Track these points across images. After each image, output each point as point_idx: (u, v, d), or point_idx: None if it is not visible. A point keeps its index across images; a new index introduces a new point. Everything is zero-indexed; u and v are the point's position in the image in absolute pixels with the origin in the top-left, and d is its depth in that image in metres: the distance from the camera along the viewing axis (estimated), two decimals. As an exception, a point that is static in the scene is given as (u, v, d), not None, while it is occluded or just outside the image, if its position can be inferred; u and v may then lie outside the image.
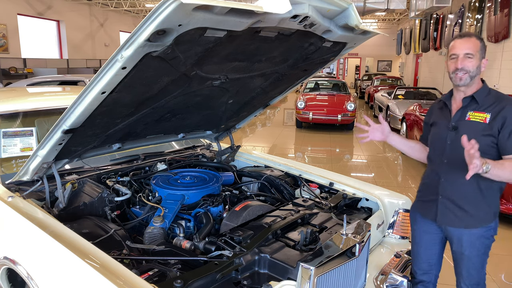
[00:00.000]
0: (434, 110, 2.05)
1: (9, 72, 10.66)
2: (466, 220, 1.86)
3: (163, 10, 1.20)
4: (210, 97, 2.22)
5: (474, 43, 1.79)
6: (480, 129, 1.76)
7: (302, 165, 3.00)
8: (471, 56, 1.77)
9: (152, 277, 1.53)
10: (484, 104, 1.80)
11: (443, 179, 1.89)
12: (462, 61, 1.79)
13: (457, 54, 1.80)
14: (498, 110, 1.74)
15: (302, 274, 1.49)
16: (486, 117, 1.76)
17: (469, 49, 1.78)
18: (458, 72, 1.79)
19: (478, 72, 1.80)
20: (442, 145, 1.90)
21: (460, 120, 1.84)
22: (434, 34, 14.23)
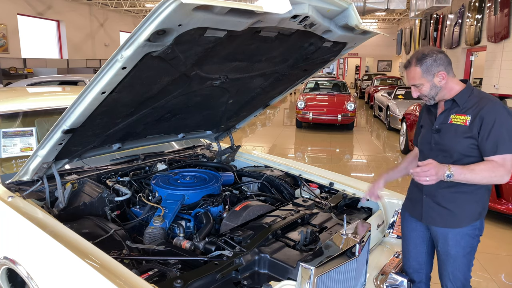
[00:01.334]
0: (423, 112, 2.07)
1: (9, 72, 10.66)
2: (450, 219, 1.87)
3: (163, 10, 1.20)
4: (210, 97, 2.22)
5: (414, 73, 1.81)
6: (461, 132, 1.78)
7: (302, 165, 3.00)
8: (418, 85, 1.82)
9: (152, 277, 1.53)
10: (465, 106, 1.80)
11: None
12: (413, 91, 1.87)
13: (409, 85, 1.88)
14: (477, 112, 1.75)
15: (302, 274, 1.49)
16: (466, 120, 1.77)
17: (412, 80, 1.82)
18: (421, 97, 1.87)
19: (437, 90, 1.82)
20: (427, 147, 1.94)
21: (443, 123, 1.86)
22: (434, 34, 14.23)
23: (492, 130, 1.70)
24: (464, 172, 1.67)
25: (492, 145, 1.70)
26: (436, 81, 1.80)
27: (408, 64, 1.85)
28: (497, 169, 1.68)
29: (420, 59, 1.79)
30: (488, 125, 1.70)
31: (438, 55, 1.80)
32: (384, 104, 10.76)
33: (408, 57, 1.89)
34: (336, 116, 9.68)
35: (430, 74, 1.79)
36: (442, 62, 1.80)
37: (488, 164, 1.70)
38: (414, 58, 1.83)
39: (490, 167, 1.69)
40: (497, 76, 9.13)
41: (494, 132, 1.69)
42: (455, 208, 1.85)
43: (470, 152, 1.77)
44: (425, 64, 1.79)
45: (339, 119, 9.67)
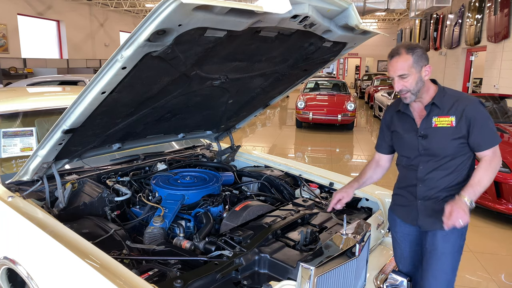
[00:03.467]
0: (393, 117, 1.98)
1: (9, 72, 10.66)
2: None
3: (163, 10, 1.20)
4: (210, 97, 2.22)
5: (404, 61, 1.72)
6: (450, 134, 1.77)
7: (302, 165, 3.00)
8: (405, 76, 1.73)
9: (152, 277, 1.53)
10: (445, 107, 1.78)
11: (420, 185, 1.88)
12: (397, 83, 1.76)
13: (392, 77, 1.77)
14: (461, 111, 1.75)
15: (302, 274, 1.49)
16: (451, 121, 1.76)
17: (401, 69, 1.72)
18: (400, 92, 1.78)
19: (421, 85, 1.76)
20: (414, 153, 1.88)
21: (428, 127, 1.82)
22: (434, 34, 14.24)
23: (481, 129, 1.74)
24: (475, 190, 1.69)
25: (483, 141, 1.75)
26: (422, 74, 1.76)
27: (396, 52, 1.74)
28: (493, 162, 1.75)
29: (410, 48, 1.73)
30: (477, 124, 1.73)
31: (424, 50, 1.79)
32: (384, 104, 10.76)
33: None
34: (336, 116, 9.68)
35: (419, 66, 1.74)
36: (427, 57, 1.78)
37: (484, 164, 1.74)
38: (403, 47, 1.74)
39: (488, 166, 1.73)
40: (497, 76, 9.13)
41: (483, 130, 1.74)
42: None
43: (460, 152, 1.79)
44: (416, 54, 1.73)
45: (339, 119, 9.67)
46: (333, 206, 2.03)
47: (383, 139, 2.07)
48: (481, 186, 1.70)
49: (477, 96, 7.24)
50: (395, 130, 1.97)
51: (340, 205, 2.03)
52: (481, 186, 1.70)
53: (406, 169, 1.95)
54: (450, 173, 1.81)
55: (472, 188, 1.70)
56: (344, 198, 2.02)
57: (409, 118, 1.89)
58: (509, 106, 6.28)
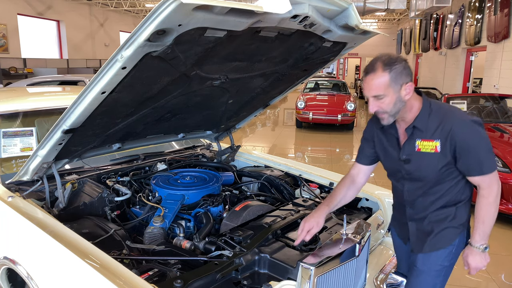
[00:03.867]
0: (375, 131, 1.78)
1: (9, 72, 10.66)
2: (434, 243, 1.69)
3: (163, 10, 1.20)
4: (210, 97, 2.22)
5: (379, 80, 1.48)
6: (434, 161, 1.57)
7: (302, 165, 3.00)
8: (381, 97, 1.50)
9: (152, 277, 1.53)
10: (429, 130, 1.56)
11: (408, 207, 1.75)
12: (372, 105, 1.54)
13: (367, 96, 1.54)
14: (446, 134, 1.53)
15: (302, 274, 1.49)
16: (436, 146, 1.55)
17: (375, 90, 1.49)
18: (377, 114, 1.57)
19: (400, 105, 1.53)
20: (398, 176, 1.73)
21: (410, 152, 1.62)
22: (434, 34, 14.24)
23: (469, 154, 1.52)
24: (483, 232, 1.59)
25: (474, 167, 1.54)
26: (402, 94, 1.51)
27: (372, 68, 1.50)
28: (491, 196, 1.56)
29: (388, 64, 1.47)
30: (464, 152, 1.52)
31: (406, 63, 1.51)
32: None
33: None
34: (336, 116, 9.68)
35: (398, 84, 1.49)
36: (409, 72, 1.52)
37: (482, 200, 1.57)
38: (380, 62, 1.49)
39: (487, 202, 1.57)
40: (497, 76, 9.13)
41: (472, 156, 1.52)
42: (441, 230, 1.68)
43: (447, 177, 1.61)
44: (395, 71, 1.47)
45: (339, 119, 9.67)
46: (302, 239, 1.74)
47: (362, 150, 1.86)
48: (487, 225, 1.58)
49: (477, 96, 7.25)
50: (378, 147, 1.79)
51: (309, 236, 1.74)
52: (488, 225, 1.58)
53: (395, 186, 1.82)
54: (439, 197, 1.65)
55: (479, 232, 1.59)
56: (314, 228, 1.74)
57: (393, 137, 1.70)
58: (509, 106, 6.28)
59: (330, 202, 1.84)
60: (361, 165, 1.87)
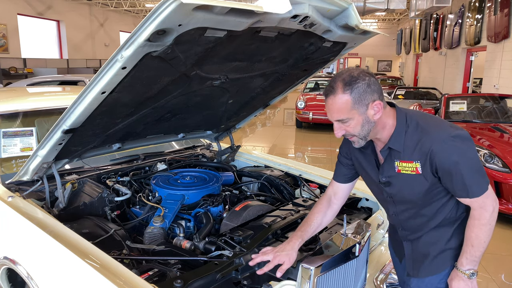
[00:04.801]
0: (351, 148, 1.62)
1: (9, 72, 10.67)
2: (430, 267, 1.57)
3: (163, 10, 1.20)
4: (210, 97, 2.22)
5: (340, 102, 1.33)
6: (417, 182, 1.42)
7: (302, 165, 3.00)
8: (345, 121, 1.37)
9: (152, 277, 1.53)
10: (407, 149, 1.40)
11: (400, 229, 1.64)
12: (337, 129, 1.41)
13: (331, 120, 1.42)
14: (425, 154, 1.36)
15: (302, 274, 1.49)
16: (416, 167, 1.40)
17: (337, 114, 1.37)
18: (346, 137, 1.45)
19: (369, 127, 1.39)
20: (383, 199, 1.61)
21: (390, 174, 1.48)
22: (434, 34, 14.24)
23: (452, 176, 1.35)
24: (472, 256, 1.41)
25: (461, 190, 1.37)
26: (370, 114, 1.36)
27: (331, 90, 1.35)
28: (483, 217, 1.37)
29: (349, 83, 1.32)
30: (445, 171, 1.35)
31: (371, 79, 1.35)
32: (384, 104, 10.73)
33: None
34: (336, 116, 9.66)
35: (363, 105, 1.34)
36: (376, 88, 1.35)
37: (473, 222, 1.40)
38: (340, 81, 1.34)
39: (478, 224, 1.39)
40: (497, 76, 9.13)
41: (456, 177, 1.35)
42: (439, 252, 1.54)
43: (435, 197, 1.45)
44: (357, 91, 1.32)
45: (339, 119, 9.65)
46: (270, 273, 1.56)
47: (339, 168, 1.71)
48: (477, 249, 1.39)
49: (477, 96, 7.25)
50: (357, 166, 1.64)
51: (280, 272, 1.53)
52: (478, 250, 1.39)
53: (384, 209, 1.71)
54: (431, 218, 1.51)
55: (466, 255, 1.41)
56: (285, 264, 1.54)
57: (371, 157, 1.56)
58: (509, 106, 6.28)
59: (304, 232, 1.65)
60: (338, 184, 1.71)
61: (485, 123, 5.73)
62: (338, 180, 1.72)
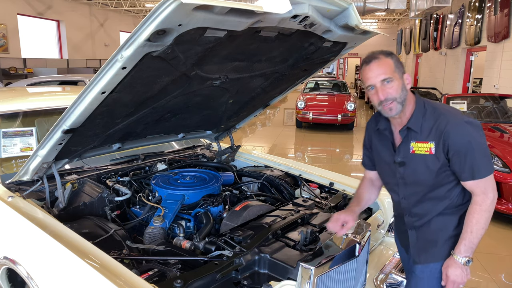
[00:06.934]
0: (372, 134, 1.76)
1: (9, 72, 10.66)
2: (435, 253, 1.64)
3: (163, 10, 1.20)
4: (210, 97, 2.22)
5: (385, 64, 1.49)
6: (429, 162, 1.53)
7: (302, 165, 3.00)
8: (390, 80, 1.48)
9: (152, 277, 1.53)
10: (424, 130, 1.53)
11: (407, 215, 1.71)
12: (382, 90, 1.49)
13: (373, 84, 1.50)
14: (439, 135, 1.49)
15: (302, 274, 1.49)
16: (430, 147, 1.51)
17: (384, 73, 1.48)
18: (384, 103, 1.51)
19: (405, 94, 1.52)
20: (394, 182, 1.69)
21: (405, 154, 1.59)
22: (434, 34, 14.23)
23: (463, 158, 1.46)
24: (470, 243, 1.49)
25: (468, 171, 1.48)
26: (405, 81, 1.53)
27: (374, 57, 1.50)
28: (485, 203, 1.48)
29: (388, 53, 1.51)
30: (457, 154, 1.47)
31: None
32: (384, 104, 10.73)
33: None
34: (336, 116, 9.67)
35: (400, 72, 1.51)
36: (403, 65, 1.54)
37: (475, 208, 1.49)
38: (379, 52, 1.51)
39: (479, 210, 1.48)
40: (497, 76, 9.13)
41: (464, 158, 1.46)
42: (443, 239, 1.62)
43: (444, 180, 1.55)
44: (395, 59, 1.51)
45: (339, 119, 9.67)
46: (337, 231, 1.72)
47: (367, 156, 1.85)
48: (475, 236, 1.48)
49: (477, 96, 7.25)
50: (374, 151, 1.77)
51: (345, 230, 1.72)
52: (476, 236, 1.48)
53: (392, 197, 1.79)
54: (438, 202, 1.59)
55: (465, 242, 1.50)
56: (349, 222, 1.72)
57: (387, 140, 1.67)
58: (509, 106, 6.28)
59: (359, 203, 1.82)
60: (369, 171, 1.88)
61: (485, 123, 5.73)
62: (368, 168, 1.88)
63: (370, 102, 14.81)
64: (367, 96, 15.86)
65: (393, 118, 1.60)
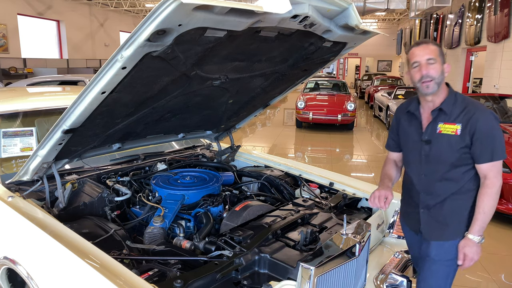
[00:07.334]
0: (401, 117, 1.97)
1: (9, 72, 10.66)
2: (446, 232, 1.80)
3: (163, 10, 1.20)
4: (210, 97, 2.22)
5: (433, 48, 1.74)
6: (453, 142, 1.73)
7: (302, 165, 3.00)
8: (433, 61, 1.72)
9: (152, 277, 1.53)
10: (453, 114, 1.75)
11: (422, 193, 1.86)
12: (425, 67, 1.72)
13: (419, 61, 1.73)
14: (467, 119, 1.71)
15: (302, 274, 1.49)
16: (457, 129, 1.73)
17: (430, 54, 1.72)
18: (424, 79, 1.72)
19: (442, 78, 1.76)
20: (417, 159, 1.86)
21: (432, 133, 1.79)
22: (434, 34, 14.23)
23: (484, 140, 1.69)
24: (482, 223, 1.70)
25: (487, 154, 1.69)
26: (445, 69, 1.76)
27: (424, 42, 1.78)
28: (495, 186, 1.70)
29: (435, 43, 1.79)
30: (481, 136, 1.69)
31: None
32: (384, 104, 10.75)
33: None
34: (336, 116, 9.67)
35: (443, 59, 1.76)
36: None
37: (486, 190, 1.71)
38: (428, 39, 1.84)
39: (490, 192, 1.70)
40: (497, 76, 9.13)
41: (486, 142, 1.69)
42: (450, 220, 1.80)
43: (463, 162, 1.74)
44: (440, 49, 1.77)
45: (339, 119, 9.67)
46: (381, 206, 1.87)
47: (392, 138, 2.05)
48: (486, 215, 1.70)
49: (477, 96, 7.25)
50: (401, 131, 1.96)
51: (387, 204, 1.88)
52: (487, 217, 1.71)
53: (410, 175, 1.92)
54: (453, 182, 1.77)
55: (478, 222, 1.71)
56: (389, 197, 1.89)
57: (416, 121, 1.87)
58: (509, 106, 6.28)
59: (390, 179, 2.01)
60: (392, 152, 2.08)
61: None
62: (392, 150, 2.07)
63: (370, 102, 14.82)
64: (367, 96, 15.91)
65: (424, 101, 1.82)
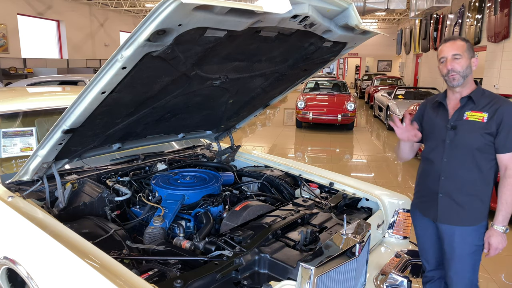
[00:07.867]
0: (426, 109, 2.08)
1: (9, 72, 10.66)
2: (464, 217, 1.91)
3: (163, 10, 1.20)
4: (210, 97, 2.22)
5: (460, 45, 1.87)
6: (479, 128, 1.84)
7: (302, 165, 2.99)
8: (459, 57, 1.85)
9: (152, 277, 1.53)
10: (480, 104, 1.87)
11: (443, 177, 1.94)
12: (451, 62, 1.87)
13: (445, 57, 1.89)
14: (495, 109, 1.82)
15: (302, 274, 1.49)
16: (483, 117, 1.84)
17: (456, 50, 1.86)
18: (450, 73, 1.87)
19: (469, 72, 1.88)
20: (441, 145, 1.95)
21: (458, 119, 1.90)
22: (434, 34, 14.24)
23: (510, 130, 1.79)
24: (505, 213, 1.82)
25: (508, 143, 1.80)
26: (472, 63, 1.89)
27: (452, 38, 1.91)
28: None
29: (464, 39, 1.89)
30: (507, 127, 1.79)
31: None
32: (384, 104, 10.75)
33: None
34: (336, 116, 9.68)
35: (470, 54, 1.88)
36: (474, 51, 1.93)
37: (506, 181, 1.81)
38: (457, 36, 1.94)
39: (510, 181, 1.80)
40: (497, 76, 9.13)
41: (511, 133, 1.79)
42: (469, 205, 1.90)
43: (485, 149, 1.84)
44: (469, 44, 1.89)
45: (339, 119, 9.67)
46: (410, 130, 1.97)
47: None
48: (509, 205, 1.81)
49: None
50: (426, 122, 2.06)
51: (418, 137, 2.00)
52: (509, 205, 1.82)
53: (431, 161, 2.00)
54: (474, 168, 1.87)
55: (502, 212, 1.82)
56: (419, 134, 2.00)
57: (443, 109, 1.99)
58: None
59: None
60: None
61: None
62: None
63: (370, 102, 14.81)
64: (367, 96, 15.91)
65: (452, 92, 1.96)
